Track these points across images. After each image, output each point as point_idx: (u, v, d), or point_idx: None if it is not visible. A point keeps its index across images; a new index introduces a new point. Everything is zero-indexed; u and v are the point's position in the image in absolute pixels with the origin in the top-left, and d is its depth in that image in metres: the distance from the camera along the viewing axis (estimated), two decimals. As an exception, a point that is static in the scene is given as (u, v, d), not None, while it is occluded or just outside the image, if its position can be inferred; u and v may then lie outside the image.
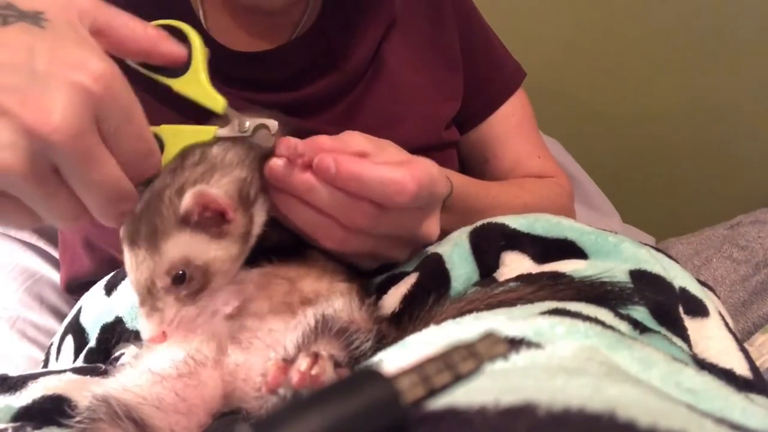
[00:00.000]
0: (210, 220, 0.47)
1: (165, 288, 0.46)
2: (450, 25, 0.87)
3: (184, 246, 0.46)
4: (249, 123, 0.52)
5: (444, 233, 0.63)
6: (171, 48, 0.51)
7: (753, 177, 1.73)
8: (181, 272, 0.46)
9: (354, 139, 0.57)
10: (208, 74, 0.53)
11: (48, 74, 0.40)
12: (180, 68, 0.52)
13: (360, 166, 0.52)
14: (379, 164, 0.53)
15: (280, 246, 0.56)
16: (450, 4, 0.88)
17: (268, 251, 0.55)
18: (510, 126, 0.94)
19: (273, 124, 0.52)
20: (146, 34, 0.49)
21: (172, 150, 0.50)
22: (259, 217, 0.53)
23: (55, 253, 1.04)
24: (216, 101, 0.52)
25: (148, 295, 0.46)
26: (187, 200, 0.46)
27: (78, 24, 0.44)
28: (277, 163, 0.53)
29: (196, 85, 0.52)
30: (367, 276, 0.63)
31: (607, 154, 1.71)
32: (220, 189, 0.48)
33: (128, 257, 0.48)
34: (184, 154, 0.51)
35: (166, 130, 0.50)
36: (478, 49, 0.92)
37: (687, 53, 1.64)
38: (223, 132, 0.52)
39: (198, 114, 0.54)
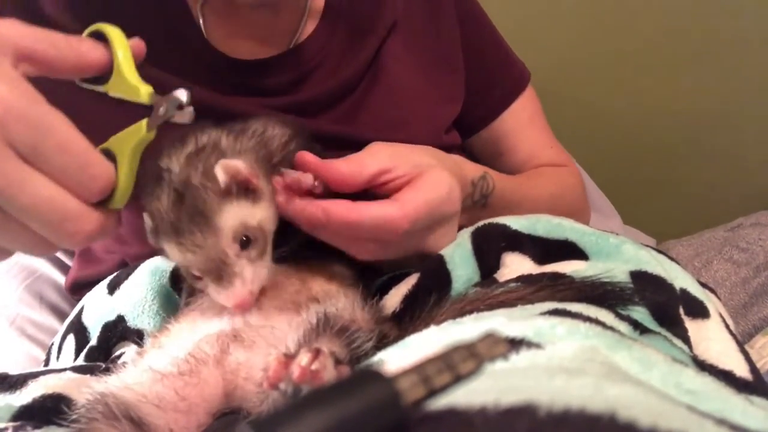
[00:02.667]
0: (242, 189, 0.50)
1: (236, 254, 0.49)
2: (450, 28, 0.87)
3: (237, 213, 0.49)
4: (165, 105, 0.48)
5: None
6: (94, 54, 0.48)
7: (753, 179, 1.73)
8: (245, 237, 0.49)
9: (374, 159, 0.57)
10: (134, 66, 0.49)
11: None
12: (108, 73, 0.49)
13: (350, 214, 0.53)
14: (371, 205, 0.54)
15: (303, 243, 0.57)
16: (452, 6, 0.88)
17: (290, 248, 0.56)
18: (522, 120, 0.95)
19: (182, 94, 0.48)
20: (71, 49, 0.47)
21: (123, 160, 0.47)
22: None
23: (56, 252, 1.04)
24: (139, 93, 0.48)
25: (223, 266, 0.48)
26: (221, 175, 0.48)
27: None
28: (279, 198, 0.53)
29: (121, 82, 0.49)
30: (371, 277, 0.63)
31: (608, 156, 1.70)
32: (238, 161, 0.50)
33: (181, 246, 0.49)
34: (197, 146, 0.51)
35: (113, 142, 0.48)
36: (486, 48, 0.92)
37: (687, 55, 1.64)
38: (153, 121, 0.49)
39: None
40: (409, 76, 0.82)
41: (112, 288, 0.66)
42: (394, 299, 0.58)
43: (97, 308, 0.67)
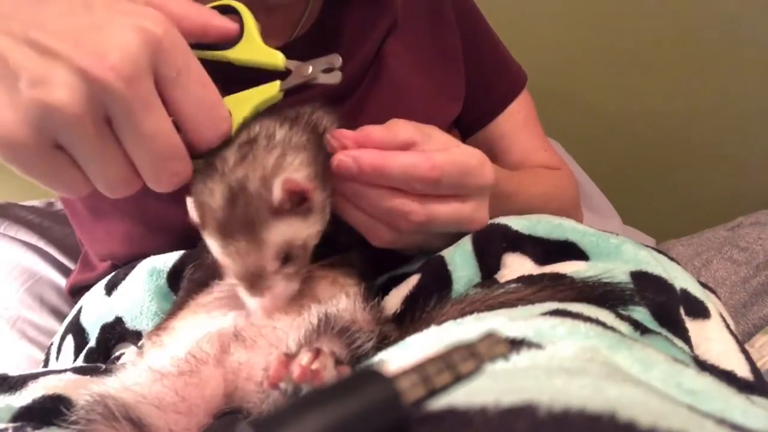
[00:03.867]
0: (296, 202, 0.49)
1: (275, 270, 0.49)
2: (451, 28, 0.87)
3: (285, 231, 0.48)
4: (312, 67, 0.53)
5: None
6: (224, 22, 0.51)
7: (753, 178, 1.73)
8: (286, 254, 0.49)
9: (401, 129, 0.57)
10: (260, 36, 0.53)
11: (105, 21, 0.40)
12: (233, 40, 0.52)
13: (378, 159, 0.53)
14: (400, 153, 0.54)
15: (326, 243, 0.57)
16: (452, 6, 0.88)
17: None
18: (517, 122, 0.95)
19: (336, 59, 0.53)
20: (199, 11, 0.49)
21: (240, 116, 0.50)
22: (329, 191, 0.54)
23: (56, 254, 1.04)
24: (275, 57, 0.53)
25: (259, 279, 0.49)
26: (277, 191, 0.47)
27: None
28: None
29: (253, 48, 0.53)
30: (372, 278, 0.63)
31: (607, 156, 1.71)
32: (299, 172, 0.50)
33: (224, 250, 0.49)
34: (250, 136, 0.51)
35: (230, 102, 0.49)
36: (484, 51, 0.92)
37: (687, 55, 1.65)
38: (288, 83, 0.53)
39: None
40: (410, 75, 0.82)
41: (110, 289, 0.66)
42: (394, 300, 0.59)
43: (95, 309, 0.67)
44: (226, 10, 0.54)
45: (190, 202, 0.51)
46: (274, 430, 0.24)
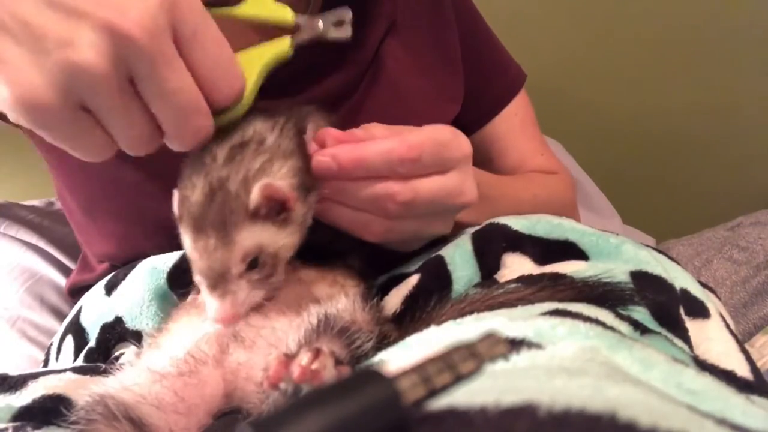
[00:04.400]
0: (275, 210, 0.49)
1: (239, 273, 0.48)
2: (451, 29, 0.87)
3: (257, 236, 0.48)
4: (321, 22, 0.52)
5: (462, 224, 0.63)
6: None
7: (753, 178, 1.73)
8: (254, 259, 0.48)
9: (378, 131, 0.57)
10: None
11: None
12: None
13: (355, 151, 0.52)
14: (375, 141, 0.54)
15: (313, 247, 0.57)
16: (451, 7, 0.88)
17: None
18: (514, 125, 0.95)
19: (346, 12, 0.52)
20: None
21: (253, 73, 0.49)
22: (313, 203, 0.53)
23: (56, 254, 1.04)
24: (285, 12, 0.52)
25: (222, 280, 0.48)
26: (255, 195, 0.47)
27: None
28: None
29: (262, 4, 0.52)
30: (372, 278, 0.63)
31: (607, 156, 1.71)
32: (283, 180, 0.49)
33: (193, 243, 0.48)
34: (243, 138, 0.50)
35: (241, 58, 0.49)
36: (482, 52, 0.92)
37: (687, 54, 1.65)
38: (299, 38, 0.52)
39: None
40: (409, 76, 0.82)
41: (110, 289, 0.66)
42: (394, 300, 0.58)
43: (95, 309, 0.66)
44: None
45: (175, 194, 0.51)
46: (274, 430, 0.24)
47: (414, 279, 0.59)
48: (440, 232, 0.61)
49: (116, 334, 0.64)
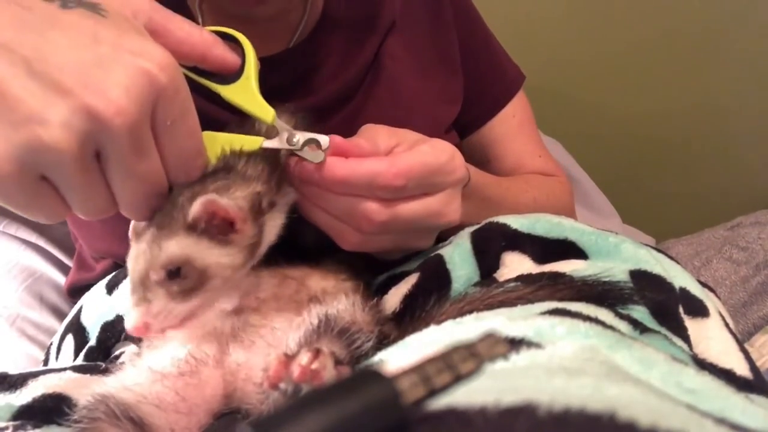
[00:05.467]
0: (218, 228, 0.47)
1: (158, 281, 0.47)
2: (450, 30, 0.87)
3: (186, 247, 0.46)
4: (298, 137, 0.52)
5: (461, 224, 0.63)
6: (225, 54, 0.50)
7: (753, 178, 1.73)
8: (176, 268, 0.46)
9: (380, 137, 0.57)
10: (258, 84, 0.52)
11: (112, 59, 0.39)
12: (231, 76, 0.52)
13: (342, 169, 0.52)
14: (364, 160, 0.53)
15: (299, 246, 0.56)
16: (450, 8, 0.87)
17: (282, 251, 0.55)
18: (512, 127, 0.94)
19: (324, 139, 0.51)
20: (202, 38, 0.49)
21: (211, 157, 0.49)
22: (273, 227, 0.52)
23: (56, 253, 1.04)
24: (266, 111, 0.52)
25: (140, 286, 0.47)
26: (196, 207, 0.46)
27: (134, 20, 0.44)
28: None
29: (247, 93, 0.52)
30: (371, 274, 0.63)
31: (607, 155, 1.71)
32: (232, 200, 0.47)
33: (131, 248, 0.48)
34: (217, 165, 0.50)
35: (207, 137, 0.49)
36: (480, 53, 0.92)
37: (687, 54, 1.65)
38: (270, 144, 0.52)
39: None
40: (409, 76, 0.82)
41: (111, 288, 0.66)
42: (393, 299, 0.59)
43: (96, 308, 0.67)
44: (233, 39, 0.54)
45: None
46: (274, 430, 0.24)
47: (413, 278, 0.59)
48: (420, 247, 0.61)
49: (117, 332, 0.64)
